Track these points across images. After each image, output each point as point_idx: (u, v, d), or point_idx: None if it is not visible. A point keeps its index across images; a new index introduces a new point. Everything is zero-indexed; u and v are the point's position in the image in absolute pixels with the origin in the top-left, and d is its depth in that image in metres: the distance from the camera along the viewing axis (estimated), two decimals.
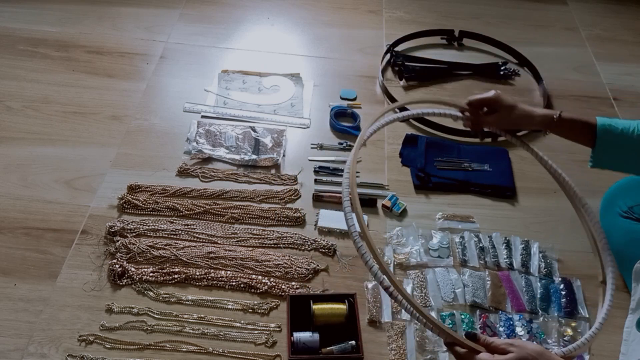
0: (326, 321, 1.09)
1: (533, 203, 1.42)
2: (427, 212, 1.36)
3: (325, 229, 1.30)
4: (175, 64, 1.72)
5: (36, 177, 1.36)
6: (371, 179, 1.41)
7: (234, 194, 1.36)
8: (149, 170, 1.40)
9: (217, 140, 1.48)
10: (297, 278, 1.20)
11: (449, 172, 1.45)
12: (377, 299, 1.17)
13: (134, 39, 1.79)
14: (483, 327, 1.14)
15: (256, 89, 1.66)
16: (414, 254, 1.25)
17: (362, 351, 1.06)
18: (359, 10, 2.01)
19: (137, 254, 1.21)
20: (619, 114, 1.68)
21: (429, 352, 1.10)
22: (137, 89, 1.62)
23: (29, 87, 1.59)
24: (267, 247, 1.26)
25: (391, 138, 1.54)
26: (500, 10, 2.05)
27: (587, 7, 2.15)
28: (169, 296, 1.15)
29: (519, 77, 1.79)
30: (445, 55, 1.84)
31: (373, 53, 1.81)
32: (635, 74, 1.86)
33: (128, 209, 1.31)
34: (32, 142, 1.44)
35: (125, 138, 1.47)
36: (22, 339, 1.07)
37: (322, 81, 1.70)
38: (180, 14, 1.91)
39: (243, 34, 1.86)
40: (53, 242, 1.23)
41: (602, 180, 1.45)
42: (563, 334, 1.14)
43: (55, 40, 1.75)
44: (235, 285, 1.18)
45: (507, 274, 1.24)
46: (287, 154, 1.47)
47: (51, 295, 1.14)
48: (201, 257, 1.22)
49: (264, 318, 1.14)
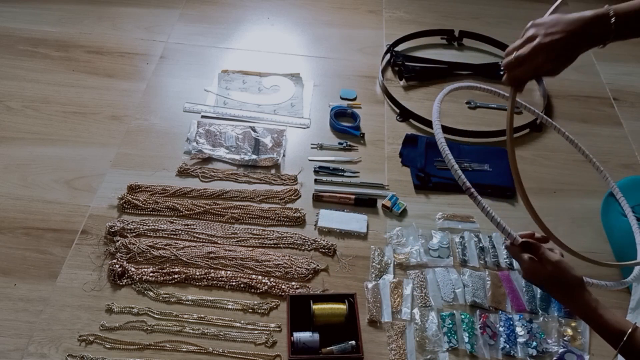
0: (326, 321, 1.09)
1: (533, 203, 1.40)
2: (427, 212, 1.36)
3: (325, 229, 1.30)
4: (175, 64, 1.72)
5: (36, 177, 1.36)
6: (371, 179, 1.41)
7: (234, 194, 1.36)
8: (149, 170, 1.40)
9: (217, 140, 1.48)
10: (297, 278, 1.20)
11: (449, 172, 1.43)
12: (377, 299, 1.17)
13: (134, 39, 1.79)
14: (483, 327, 1.14)
15: (256, 89, 1.66)
16: (414, 254, 1.25)
17: (362, 351, 1.06)
18: (359, 10, 2.01)
19: (137, 254, 1.21)
20: (619, 114, 1.69)
21: (429, 352, 1.10)
22: (137, 89, 1.62)
23: (29, 87, 1.59)
24: (267, 247, 1.26)
25: (391, 138, 1.54)
26: (500, 10, 2.05)
27: (587, 7, 2.14)
28: (169, 296, 1.15)
29: None
30: (445, 55, 1.84)
31: (373, 53, 1.81)
32: (635, 74, 1.85)
33: (128, 209, 1.31)
34: (32, 142, 1.44)
35: (125, 138, 1.47)
36: (22, 339, 1.07)
37: (322, 81, 1.70)
38: (180, 14, 1.91)
39: (243, 34, 1.86)
40: (53, 242, 1.23)
41: (602, 180, 1.45)
42: (563, 334, 1.14)
43: (55, 40, 1.75)
44: (235, 285, 1.18)
45: (507, 274, 1.24)
46: (287, 154, 1.47)
47: (51, 295, 1.14)
48: (201, 257, 1.22)
49: (264, 318, 1.14)
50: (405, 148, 1.50)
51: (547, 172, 1.49)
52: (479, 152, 1.50)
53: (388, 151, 1.50)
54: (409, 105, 1.59)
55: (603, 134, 1.61)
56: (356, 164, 1.46)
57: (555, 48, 0.83)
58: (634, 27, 0.83)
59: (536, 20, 0.86)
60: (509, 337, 1.13)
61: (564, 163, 1.53)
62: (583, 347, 1.13)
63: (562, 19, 0.84)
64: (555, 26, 0.83)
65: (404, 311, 1.16)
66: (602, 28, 0.82)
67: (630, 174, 1.47)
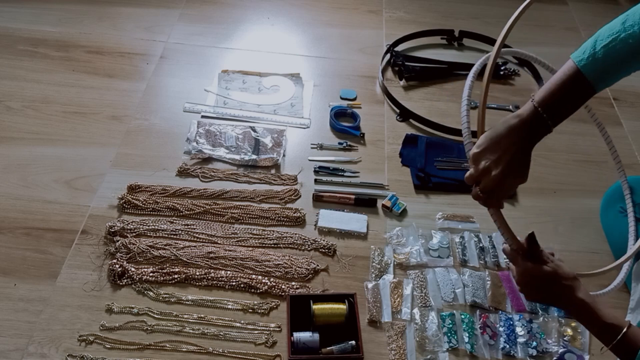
0: (326, 321, 1.09)
1: (533, 203, 1.42)
2: (427, 212, 1.36)
3: (325, 229, 1.30)
4: (175, 64, 1.72)
5: (36, 177, 1.36)
6: (371, 179, 1.41)
7: (234, 194, 1.36)
8: (149, 170, 1.40)
9: (217, 140, 1.48)
10: (297, 278, 1.20)
11: (449, 172, 1.45)
12: (377, 299, 1.17)
13: (134, 39, 1.79)
14: (483, 327, 1.14)
15: (256, 89, 1.66)
16: (414, 254, 1.25)
17: (362, 351, 1.06)
18: (359, 10, 2.01)
19: (137, 254, 1.21)
20: (619, 114, 1.69)
21: (429, 352, 1.10)
22: (137, 89, 1.62)
23: (29, 87, 1.59)
24: (267, 247, 1.26)
25: (391, 138, 1.54)
26: (500, 10, 2.05)
27: (587, 7, 2.15)
28: (169, 296, 1.15)
29: (518, 77, 1.79)
30: (445, 55, 1.84)
31: (373, 53, 1.81)
32: (635, 74, 1.85)
33: (128, 209, 1.31)
34: (32, 142, 1.44)
35: (125, 138, 1.47)
36: (22, 339, 1.07)
37: (322, 81, 1.70)
38: (180, 14, 1.91)
39: (243, 34, 1.86)
40: (53, 242, 1.23)
41: (602, 180, 1.46)
42: (563, 334, 1.14)
43: (55, 40, 1.75)
44: (235, 285, 1.18)
45: (507, 273, 1.24)
46: (287, 154, 1.47)
47: (51, 295, 1.14)
48: (201, 257, 1.22)
49: (264, 318, 1.14)
50: (405, 148, 1.50)
51: (547, 172, 1.49)
52: None
53: (388, 151, 1.50)
54: (409, 105, 1.59)
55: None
56: (356, 164, 1.46)
57: (512, 169, 0.82)
58: (563, 109, 0.81)
59: (475, 150, 0.84)
60: (509, 337, 1.13)
61: (564, 163, 1.53)
62: (583, 347, 1.13)
63: (497, 138, 0.82)
64: (497, 149, 0.82)
65: (404, 311, 1.16)
66: (540, 125, 0.81)
67: (630, 174, 1.46)
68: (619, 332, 0.82)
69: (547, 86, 0.82)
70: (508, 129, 0.82)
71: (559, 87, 0.81)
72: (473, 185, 0.87)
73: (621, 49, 0.78)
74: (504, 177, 0.82)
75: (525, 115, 0.81)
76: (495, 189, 0.84)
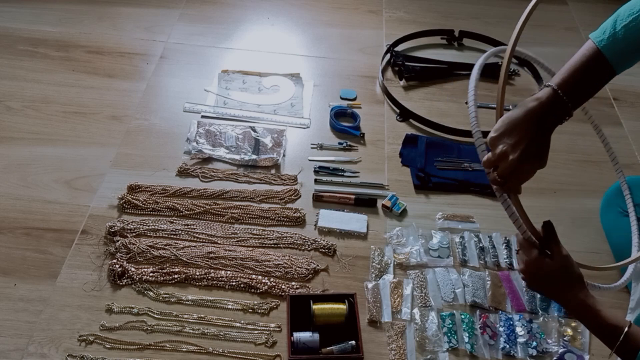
0: (326, 321, 1.09)
1: (533, 203, 1.41)
2: (427, 212, 1.36)
3: (325, 229, 1.30)
4: (175, 64, 1.72)
5: (36, 177, 1.36)
6: (371, 179, 1.41)
7: (234, 194, 1.36)
8: (149, 170, 1.40)
9: (217, 140, 1.48)
10: (297, 278, 1.20)
11: (449, 172, 1.45)
12: (377, 299, 1.17)
13: (134, 39, 1.79)
14: (483, 327, 1.14)
15: (256, 89, 1.66)
16: (414, 254, 1.25)
17: (362, 351, 1.06)
18: (359, 10, 2.01)
19: (137, 254, 1.21)
20: (619, 114, 1.69)
21: (429, 352, 1.10)
22: (137, 89, 1.62)
23: (29, 87, 1.59)
24: (267, 247, 1.26)
25: (391, 138, 1.54)
26: (500, 10, 2.05)
27: (587, 7, 2.15)
28: (169, 296, 1.15)
29: (519, 77, 1.79)
30: (445, 55, 1.84)
31: (373, 53, 1.81)
32: (635, 74, 1.83)
33: (128, 209, 1.31)
34: (32, 142, 1.44)
35: (125, 138, 1.47)
36: (22, 339, 1.07)
37: (322, 81, 1.70)
38: (180, 14, 1.91)
39: (243, 34, 1.86)
40: (53, 242, 1.23)
41: (602, 180, 1.46)
42: (563, 334, 1.14)
43: (55, 40, 1.75)
44: (235, 285, 1.18)
45: (507, 273, 1.24)
46: (287, 154, 1.47)
47: (51, 295, 1.14)
48: (201, 257, 1.22)
49: (264, 318, 1.14)
50: (405, 148, 1.50)
51: (547, 172, 1.48)
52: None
53: (388, 151, 1.50)
54: (409, 105, 1.59)
55: (603, 133, 1.61)
56: (356, 164, 1.46)
57: (530, 153, 0.80)
58: (583, 91, 0.80)
59: (492, 135, 0.83)
60: (509, 337, 1.13)
61: (564, 163, 1.53)
62: (583, 347, 1.13)
63: (514, 121, 0.81)
64: (515, 133, 0.80)
65: (404, 311, 1.16)
66: (560, 108, 0.80)
67: (630, 174, 1.46)
68: (620, 332, 0.81)
69: (566, 68, 0.80)
70: (526, 112, 0.80)
71: (579, 69, 0.79)
72: (490, 170, 0.85)
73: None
74: (522, 162, 0.80)
75: (544, 98, 0.80)
76: (513, 174, 0.82)
